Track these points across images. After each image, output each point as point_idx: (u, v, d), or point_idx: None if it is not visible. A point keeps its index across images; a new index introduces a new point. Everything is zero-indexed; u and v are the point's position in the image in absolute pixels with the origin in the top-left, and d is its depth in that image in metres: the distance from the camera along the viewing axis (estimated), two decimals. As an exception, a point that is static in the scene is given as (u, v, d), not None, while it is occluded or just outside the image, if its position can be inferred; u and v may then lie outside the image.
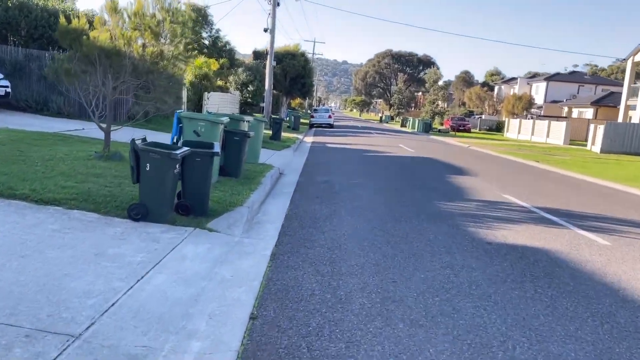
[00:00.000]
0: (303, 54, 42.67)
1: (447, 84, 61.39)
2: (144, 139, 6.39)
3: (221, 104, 33.56)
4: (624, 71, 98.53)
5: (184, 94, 25.53)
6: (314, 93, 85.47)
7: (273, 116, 19.57)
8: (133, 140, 6.05)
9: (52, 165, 8.14)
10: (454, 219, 7.40)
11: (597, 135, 31.17)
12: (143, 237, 5.50)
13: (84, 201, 6.36)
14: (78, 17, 9.04)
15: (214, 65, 33.54)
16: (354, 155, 17.00)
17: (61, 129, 13.15)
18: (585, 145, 35.69)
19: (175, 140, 6.78)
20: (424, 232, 6.51)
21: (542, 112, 56.27)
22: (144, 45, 8.76)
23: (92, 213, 6.06)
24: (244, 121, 10.57)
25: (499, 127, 53.74)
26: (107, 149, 9.32)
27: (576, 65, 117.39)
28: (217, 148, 6.76)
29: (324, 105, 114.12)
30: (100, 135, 10.59)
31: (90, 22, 9.27)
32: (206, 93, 29.80)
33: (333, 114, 40.66)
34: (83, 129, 13.39)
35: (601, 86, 60.67)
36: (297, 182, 10.56)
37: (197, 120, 8.58)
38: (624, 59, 40.58)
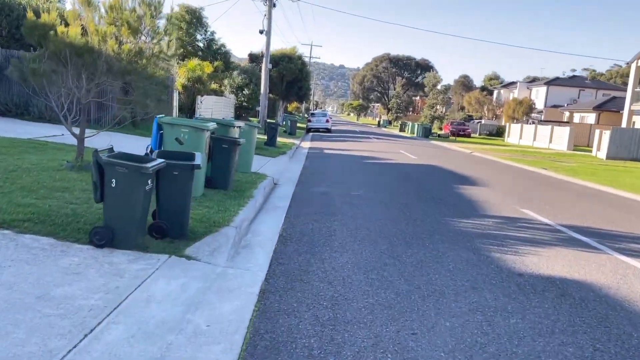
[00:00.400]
0: (300, 57, 41.76)
1: (447, 88, 60.57)
2: (110, 149, 5.42)
3: (215, 108, 32.60)
4: (622, 76, 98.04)
5: (175, 97, 24.54)
6: (311, 97, 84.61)
7: (268, 121, 18.60)
8: (96, 151, 5.07)
9: (14, 177, 7.14)
10: (473, 241, 6.43)
11: (602, 141, 30.30)
12: (104, 271, 4.51)
13: (40, 223, 5.36)
14: (48, 11, 8.06)
15: (208, 67, 32.58)
16: (354, 163, 16.04)
17: (38, 135, 12.14)
18: (589, 151, 34.84)
19: (149, 151, 5.80)
20: (442, 259, 5.53)
21: (542, 117, 55.45)
22: (120, 42, 7.78)
23: (47, 238, 5.07)
24: (233, 127, 9.60)
25: (499, 132, 52.89)
26: (80, 158, 8.32)
27: (574, 70, 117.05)
28: (199, 159, 5.78)
29: (321, 109, 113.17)
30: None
31: (64, 18, 8.30)
32: (199, 97, 28.82)
33: (330, 118, 39.74)
34: (62, 134, 12.38)
35: (602, 90, 59.93)
36: (293, 194, 9.59)
37: (180, 126, 7.61)
38: (628, 63, 39.80)
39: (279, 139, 23.08)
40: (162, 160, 5.39)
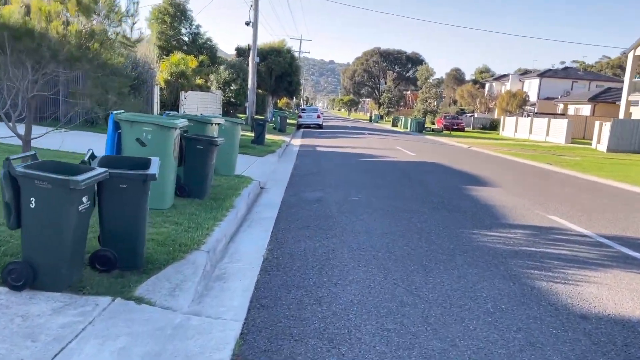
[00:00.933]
0: (289, 51, 40.29)
1: (440, 81, 59.35)
2: (33, 156, 4.07)
3: (201, 104, 31.14)
4: (613, 67, 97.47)
5: (157, 93, 23.09)
6: (301, 92, 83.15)
7: (255, 117, 17.22)
8: (8, 159, 3.72)
9: None
10: (506, 262, 5.15)
11: (602, 134, 29.25)
12: (11, 330, 3.17)
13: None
14: (-17, -13, 6.66)
15: (192, 62, 31.09)
16: (349, 161, 14.73)
17: (-10, 136, 10.69)
18: (588, 144, 33.82)
19: (88, 159, 4.45)
20: (474, 293, 4.23)
21: (535, 110, 54.49)
22: (66, 23, 6.39)
23: (-58, 279, 3.72)
24: (211, 124, 8.24)
25: (493, 126, 51.83)
26: (24, 164, 6.92)
27: (564, 62, 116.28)
28: (155, 167, 4.43)
29: (311, 105, 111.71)
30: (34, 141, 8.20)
31: (5, -4, 6.91)
32: (183, 93, 27.36)
33: (322, 114, 38.37)
34: (13, 135, 10.92)
35: (595, 82, 59.10)
36: (282, 201, 8.27)
37: (141, 124, 6.25)
38: (624, 52, 38.84)
39: (268, 137, 21.72)
40: (104, 170, 4.04)
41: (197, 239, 5.22)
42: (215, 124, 8.51)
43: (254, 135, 16.89)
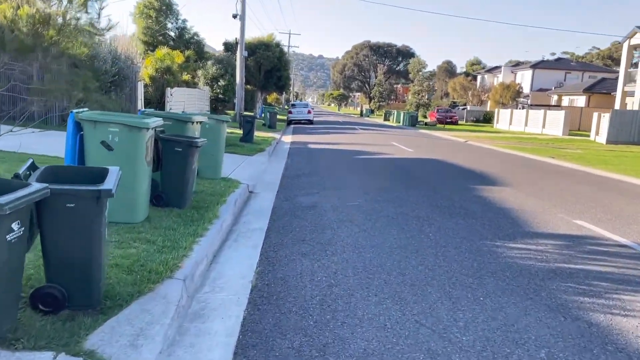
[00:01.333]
0: (278, 45, 39.25)
1: (432, 74, 58.57)
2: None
3: (188, 101, 30.10)
4: (604, 58, 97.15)
5: (140, 89, 22.06)
6: (291, 87, 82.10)
7: (244, 114, 16.28)
8: None
9: None
10: (547, 287, 4.28)
11: (601, 125, 28.59)
12: None
13: None
14: None
15: (179, 57, 30.04)
16: (344, 159, 13.84)
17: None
18: (586, 135, 33.20)
19: (25, 171, 3.51)
20: (519, 334, 3.35)
21: (529, 101, 53.85)
22: (17, 7, 5.43)
23: None
24: (192, 122, 7.30)
25: (486, 118, 51.17)
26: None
27: (554, 54, 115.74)
28: (112, 181, 3.50)
29: (301, 100, 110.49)
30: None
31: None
32: (169, 89, 26.32)
33: (312, 109, 37.41)
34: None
35: (588, 72, 58.59)
36: (273, 208, 7.36)
37: (107, 124, 5.31)
38: (620, 42, 38.25)
39: (258, 134, 20.78)
40: (42, 186, 3.11)
41: (172, 262, 4.31)
42: (197, 122, 7.57)
43: (242, 133, 15.93)
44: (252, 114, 42.21)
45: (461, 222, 6.56)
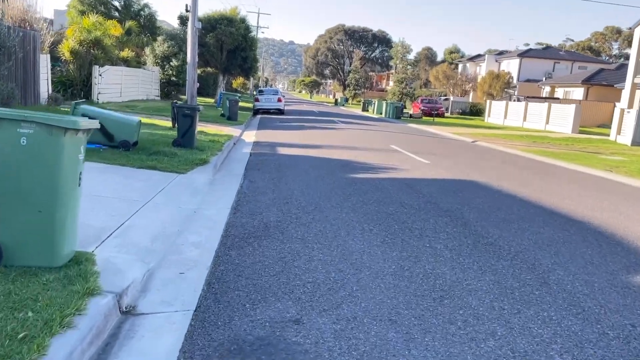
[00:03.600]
0: (243, 20, 33.53)
1: (417, 59, 53.66)
2: None
3: (128, 84, 24.23)
4: (584, 49, 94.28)
5: (45, 64, 16.28)
6: (260, 70, 76.09)
7: (177, 103, 10.77)
8: None
9: None
10: None
11: (625, 123, 24.22)
12: None
13: None
14: None
15: (115, 29, 24.03)
16: (334, 183, 8.68)
17: None
18: (593, 133, 28.95)
19: None
20: None
21: (516, 93, 49.66)
22: None
23: None
24: None
25: (474, 111, 46.70)
26: None
27: (527, 45, 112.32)
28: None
29: (271, 86, 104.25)
30: None
31: None
32: (97, 67, 20.49)
33: (283, 96, 31.98)
34: None
35: (578, 63, 54.92)
36: None
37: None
38: (630, 28, 34.04)
39: (210, 129, 15.36)
40: None
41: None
42: None
43: (177, 131, 10.54)
44: (212, 101, 36.23)
45: None
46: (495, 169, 11.63)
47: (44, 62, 15.23)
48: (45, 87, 15.37)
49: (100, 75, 20.00)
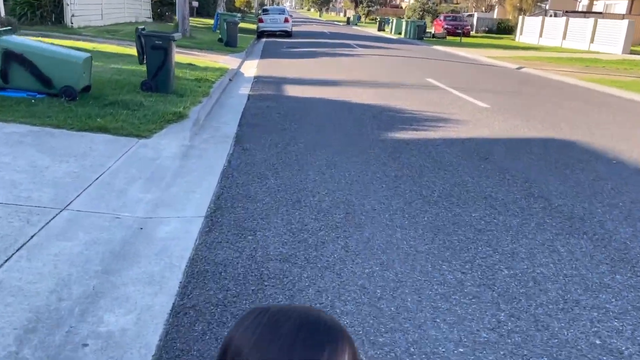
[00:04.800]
0: None
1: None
2: None
3: (111, 2, 20.84)
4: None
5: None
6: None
7: (143, 30, 7.73)
8: None
9: None
10: None
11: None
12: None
13: None
14: None
15: None
16: (364, 145, 5.94)
17: None
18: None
19: None
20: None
21: (547, 7, 44.79)
22: None
23: None
24: None
25: (502, 28, 42.28)
26: None
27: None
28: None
29: (278, 4, 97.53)
30: None
31: None
32: (67, -16, 17.15)
33: (290, 16, 28.25)
34: None
35: (618, -28, 49.04)
36: None
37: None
38: None
39: (204, 58, 12.38)
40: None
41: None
42: None
43: (147, 69, 7.71)
44: (212, 22, 32.44)
45: None
46: (580, 112, 8.73)
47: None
48: (-5, 10, 12.36)
49: (72, -7, 16.72)
